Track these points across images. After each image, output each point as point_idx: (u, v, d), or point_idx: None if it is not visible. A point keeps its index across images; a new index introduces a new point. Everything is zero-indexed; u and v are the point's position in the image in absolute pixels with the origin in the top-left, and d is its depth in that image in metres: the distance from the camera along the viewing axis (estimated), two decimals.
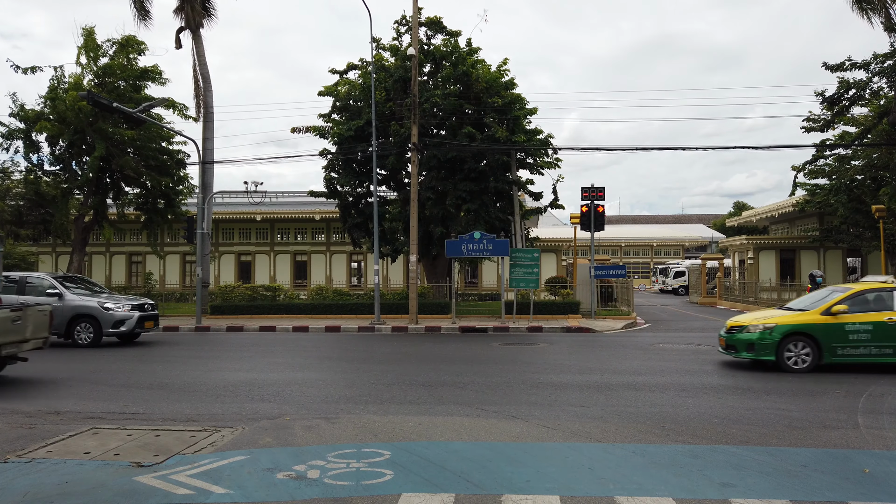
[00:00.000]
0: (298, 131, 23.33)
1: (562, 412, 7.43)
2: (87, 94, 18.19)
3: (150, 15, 24.28)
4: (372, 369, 10.93)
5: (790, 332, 10.44)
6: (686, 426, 6.72)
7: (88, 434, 6.42)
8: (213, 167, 23.89)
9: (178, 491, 4.74)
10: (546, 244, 30.73)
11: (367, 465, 5.31)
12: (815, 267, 28.94)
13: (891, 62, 20.48)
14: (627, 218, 79.22)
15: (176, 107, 23.90)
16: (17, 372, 10.82)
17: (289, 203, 35.63)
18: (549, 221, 53.08)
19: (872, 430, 6.58)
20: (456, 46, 22.18)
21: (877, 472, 5.16)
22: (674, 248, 57.70)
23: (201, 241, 21.30)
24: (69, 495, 4.66)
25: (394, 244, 23.22)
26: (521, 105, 22.06)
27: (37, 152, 23.59)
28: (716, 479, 4.94)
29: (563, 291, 23.79)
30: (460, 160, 21.29)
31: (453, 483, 4.87)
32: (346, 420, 7.05)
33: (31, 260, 30.50)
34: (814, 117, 23.89)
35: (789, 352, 10.41)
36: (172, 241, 32.73)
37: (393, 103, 22.06)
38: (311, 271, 33.52)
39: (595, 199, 21.29)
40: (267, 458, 5.54)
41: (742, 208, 59.68)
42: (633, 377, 9.93)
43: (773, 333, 10.48)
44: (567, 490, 4.72)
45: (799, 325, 10.49)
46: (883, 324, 10.19)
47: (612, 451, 5.77)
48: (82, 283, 16.35)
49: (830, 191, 25.03)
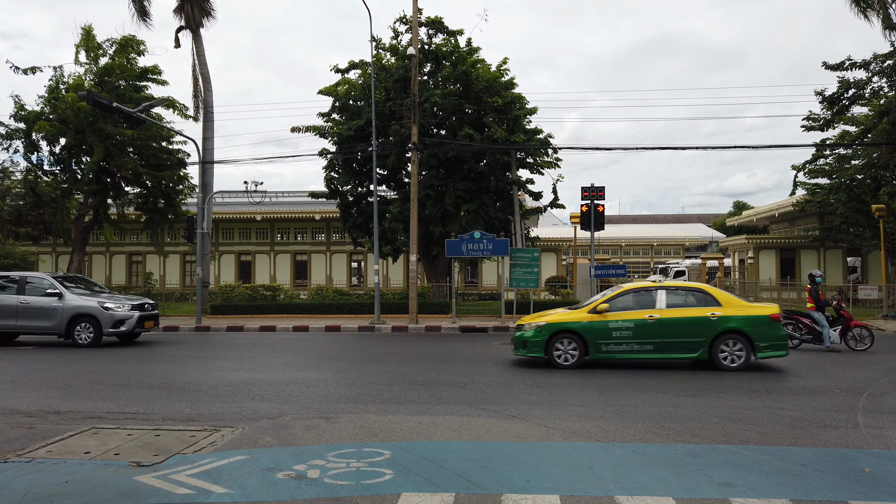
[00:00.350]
0: (298, 131, 23.34)
1: (562, 412, 7.43)
2: (86, 94, 18.19)
3: (150, 15, 24.29)
4: (372, 369, 10.93)
5: (559, 330, 10.87)
6: (686, 426, 6.72)
7: (88, 434, 6.42)
8: (213, 167, 23.89)
9: (178, 491, 4.74)
10: (546, 244, 30.74)
11: (367, 465, 5.31)
12: (815, 266, 28.94)
13: (891, 62, 20.47)
14: (627, 217, 79.21)
15: (176, 106, 23.92)
16: (17, 372, 10.83)
17: (289, 203, 35.64)
18: (549, 221, 53.08)
19: (872, 429, 6.58)
20: (456, 46, 22.18)
21: (877, 471, 5.16)
22: (674, 247, 57.67)
23: (201, 240, 21.30)
24: (69, 495, 4.66)
25: (394, 244, 23.23)
26: (521, 104, 22.06)
27: (36, 152, 23.59)
28: (716, 479, 4.94)
29: (563, 291, 23.80)
30: (460, 160, 21.29)
31: (453, 482, 4.87)
32: (346, 420, 7.05)
33: (31, 260, 30.52)
34: (814, 117, 23.88)
35: (558, 349, 10.85)
36: (172, 240, 32.74)
37: (393, 103, 22.06)
38: (312, 271, 33.52)
39: (595, 199, 21.26)
40: (267, 458, 5.54)
41: (742, 208, 59.67)
42: (634, 377, 9.93)
43: (543, 332, 10.91)
44: (567, 490, 4.72)
45: (566, 324, 10.92)
46: (644, 321, 10.64)
47: (612, 450, 5.77)
48: (82, 283, 16.35)
49: (830, 190, 25.02)
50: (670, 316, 10.59)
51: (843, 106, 22.38)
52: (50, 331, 14.66)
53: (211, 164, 23.77)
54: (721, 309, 10.56)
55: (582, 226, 21.79)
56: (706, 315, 10.51)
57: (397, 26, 23.08)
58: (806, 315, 13.55)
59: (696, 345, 10.50)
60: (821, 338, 13.18)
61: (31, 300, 14.67)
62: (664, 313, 10.63)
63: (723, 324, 10.44)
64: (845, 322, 13.18)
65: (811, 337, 13.35)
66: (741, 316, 10.48)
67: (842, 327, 13.17)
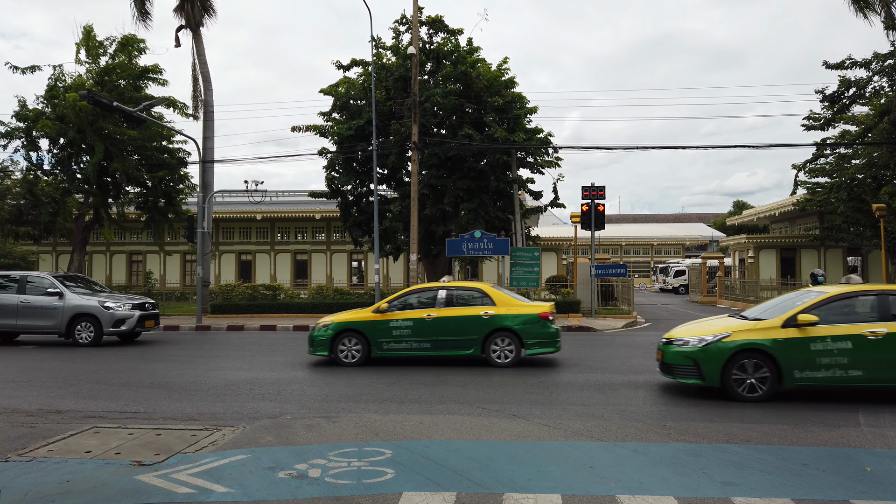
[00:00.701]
0: (299, 130, 23.32)
1: (563, 411, 7.43)
2: (87, 93, 18.17)
3: (150, 14, 24.26)
4: (372, 368, 10.92)
5: (343, 329, 11.18)
6: (687, 425, 6.72)
7: (89, 433, 6.42)
8: (213, 166, 23.88)
9: (179, 490, 4.74)
10: (546, 243, 30.73)
11: (368, 464, 5.31)
12: (816, 266, 28.95)
13: (891, 61, 20.45)
14: (628, 217, 79.23)
15: (176, 105, 23.90)
16: (18, 371, 10.83)
17: (289, 202, 35.64)
18: (550, 220, 53.11)
19: (873, 428, 6.58)
20: (457, 45, 22.17)
21: (878, 470, 5.16)
22: (674, 247, 57.69)
23: (202, 240, 21.29)
24: (70, 494, 4.66)
25: (395, 243, 23.22)
26: (522, 104, 22.05)
27: (36, 151, 23.59)
28: (717, 478, 4.94)
29: (563, 290, 23.78)
30: (460, 159, 21.29)
31: (455, 482, 4.87)
32: (347, 419, 7.05)
33: (32, 259, 30.54)
34: (814, 116, 23.87)
35: (342, 347, 11.14)
36: (173, 240, 32.73)
37: (393, 102, 22.05)
38: (312, 270, 33.52)
39: (595, 198, 21.27)
40: (268, 457, 5.53)
41: (742, 207, 59.67)
42: (634, 376, 9.92)
43: (329, 330, 11.24)
44: (568, 489, 4.71)
45: (351, 323, 11.22)
46: (422, 320, 11.03)
47: (613, 449, 5.77)
48: (83, 283, 16.34)
49: (831, 189, 25.01)
50: (447, 315, 11.07)
51: (843, 105, 22.36)
52: (50, 330, 14.66)
53: (211, 163, 23.76)
54: (495, 308, 11.05)
55: (582, 225, 21.79)
56: (480, 314, 11.00)
57: (398, 26, 23.09)
58: None
59: (470, 342, 10.98)
60: None
61: (31, 299, 14.67)
62: (442, 312, 11.09)
63: (495, 322, 10.93)
64: None
65: None
66: (512, 315, 10.96)
67: None
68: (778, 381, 7.85)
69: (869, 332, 7.66)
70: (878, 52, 20.58)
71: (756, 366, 7.88)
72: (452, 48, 22.08)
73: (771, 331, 7.93)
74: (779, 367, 7.82)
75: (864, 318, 7.89)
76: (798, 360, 7.77)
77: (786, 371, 7.80)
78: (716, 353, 7.96)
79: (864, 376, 7.67)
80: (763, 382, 7.86)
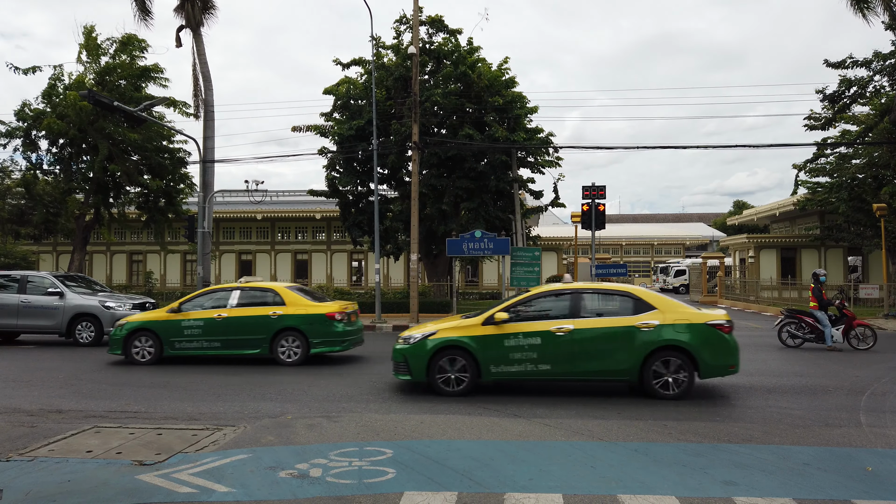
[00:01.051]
0: (299, 130, 23.31)
1: (563, 410, 7.42)
2: (87, 93, 18.16)
3: (151, 13, 24.22)
4: (373, 368, 10.92)
5: (136, 329, 11.50)
6: (688, 424, 6.71)
7: (90, 433, 6.41)
8: (213, 166, 23.85)
9: (180, 489, 4.73)
10: (547, 243, 30.73)
11: (369, 464, 5.31)
12: (817, 266, 28.92)
13: (892, 60, 20.42)
14: (628, 217, 79.19)
15: (177, 105, 23.88)
16: (18, 371, 10.83)
17: (289, 202, 35.64)
18: (550, 220, 53.08)
19: (875, 428, 6.57)
20: (457, 45, 22.17)
21: (879, 470, 5.15)
22: (674, 246, 57.66)
23: (202, 239, 21.28)
24: (71, 494, 4.66)
25: (395, 243, 23.22)
26: (522, 104, 22.05)
27: (35, 151, 23.58)
28: (719, 478, 4.93)
29: None
30: (460, 159, 21.28)
31: (456, 481, 4.86)
32: (347, 418, 7.04)
33: (32, 259, 30.57)
34: (815, 116, 23.85)
35: (136, 346, 11.46)
36: (173, 239, 32.74)
37: (393, 102, 22.05)
38: (312, 270, 33.52)
39: (596, 198, 21.23)
40: (269, 457, 5.53)
41: (742, 207, 59.65)
42: None
43: (122, 330, 11.57)
44: (570, 488, 4.71)
45: (144, 323, 11.57)
46: (213, 320, 11.34)
47: (614, 449, 5.77)
48: (83, 282, 16.35)
49: (831, 189, 25.00)
50: (237, 315, 11.33)
51: (844, 104, 22.34)
52: (51, 330, 14.66)
53: (212, 163, 23.73)
54: (283, 308, 11.31)
55: (583, 225, 21.77)
56: (268, 314, 11.26)
57: (398, 26, 23.09)
58: (809, 314, 13.54)
59: (257, 342, 11.24)
60: (823, 337, 13.16)
61: (32, 299, 14.67)
62: (233, 312, 11.37)
63: (282, 322, 11.19)
64: (848, 321, 13.17)
65: (814, 336, 13.34)
66: (299, 314, 11.24)
67: (845, 326, 13.15)
68: (477, 375, 8.30)
69: (556, 328, 8.11)
70: (878, 52, 20.55)
71: (457, 361, 8.32)
72: (453, 48, 22.08)
73: (471, 328, 8.38)
74: (477, 363, 8.26)
75: (556, 316, 8.31)
76: (493, 355, 8.21)
77: (483, 366, 8.26)
78: (421, 350, 8.37)
79: (553, 370, 8.13)
80: (464, 377, 8.31)
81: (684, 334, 7.91)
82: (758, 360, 11.63)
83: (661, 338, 7.89)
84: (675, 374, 7.95)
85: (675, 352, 7.93)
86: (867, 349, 12.91)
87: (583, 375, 8.13)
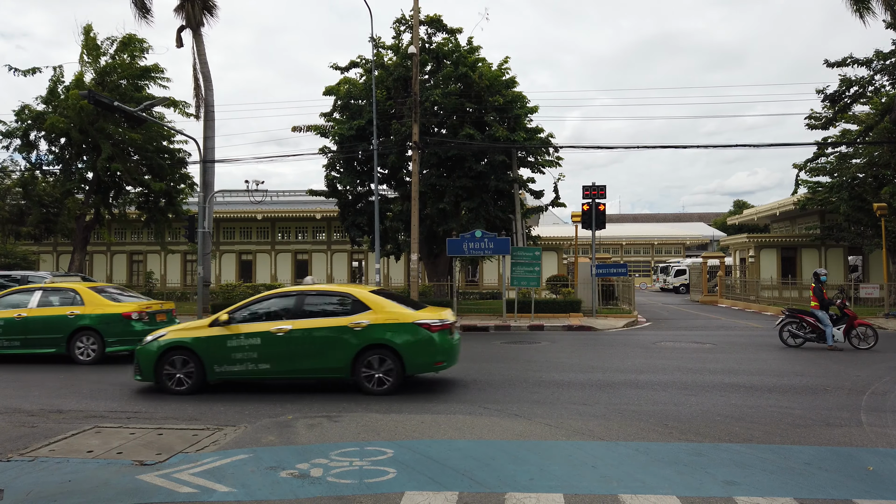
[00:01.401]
0: (299, 130, 23.31)
1: (564, 410, 7.42)
2: (87, 92, 18.17)
3: (151, 13, 24.21)
4: None
5: None
6: (689, 424, 6.71)
7: (91, 433, 6.41)
8: (213, 166, 23.84)
9: (181, 489, 4.73)
10: (547, 243, 30.72)
11: (370, 464, 5.30)
12: (817, 265, 28.90)
13: (893, 59, 20.40)
14: (628, 216, 79.20)
15: (177, 105, 23.88)
16: (18, 371, 10.83)
17: (290, 202, 35.64)
18: (550, 220, 53.06)
19: (875, 427, 6.57)
20: (457, 45, 22.16)
21: (880, 469, 5.15)
22: (674, 246, 57.67)
23: (202, 239, 21.28)
24: (72, 494, 4.66)
25: (396, 243, 23.21)
26: (522, 103, 22.03)
27: (32, 150, 23.58)
28: (719, 477, 4.93)
29: (564, 290, 23.77)
30: (461, 158, 21.27)
31: (456, 481, 4.86)
32: (348, 418, 7.04)
33: (32, 259, 30.57)
34: (816, 115, 23.84)
35: None
36: (173, 239, 32.75)
37: (394, 102, 22.04)
38: (313, 270, 33.51)
39: (596, 198, 21.25)
40: (270, 457, 5.53)
41: (742, 207, 59.65)
42: (635, 375, 9.91)
43: None
44: (571, 488, 4.71)
45: None
46: (12, 319, 11.60)
47: (615, 449, 5.76)
48: (85, 283, 16.31)
49: (832, 189, 24.98)
50: (35, 315, 11.61)
51: (844, 104, 22.32)
52: None
53: (212, 163, 23.73)
54: (81, 308, 11.64)
55: (583, 224, 21.78)
56: (66, 314, 11.59)
57: (398, 26, 23.08)
58: (810, 314, 13.53)
59: (55, 340, 11.54)
60: (824, 336, 13.16)
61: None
62: (31, 312, 11.68)
63: (79, 321, 11.52)
64: (849, 321, 13.16)
65: (815, 336, 13.33)
66: (96, 315, 11.57)
67: (846, 326, 13.14)
68: (203, 375, 8.49)
69: (276, 329, 8.37)
70: (879, 51, 20.52)
71: (184, 362, 8.50)
72: (453, 48, 22.07)
73: (198, 330, 8.65)
74: (202, 363, 8.46)
75: (279, 317, 8.58)
76: (216, 355, 8.43)
77: (207, 366, 8.47)
78: (149, 352, 8.59)
79: (272, 369, 8.41)
80: (189, 377, 8.48)
81: (391, 333, 8.30)
82: (759, 360, 11.62)
83: (371, 336, 8.28)
84: (384, 371, 8.32)
85: (384, 350, 8.32)
86: (868, 349, 12.90)
87: (301, 374, 8.48)
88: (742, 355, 12.30)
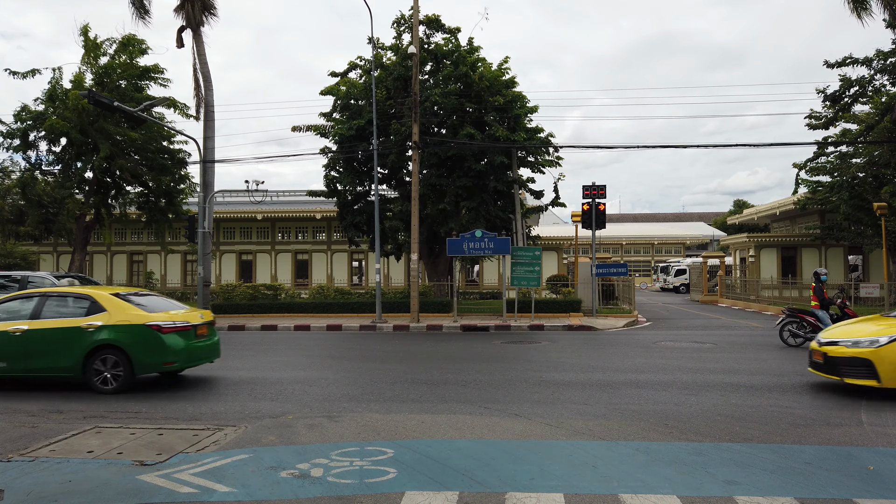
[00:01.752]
0: (299, 130, 23.33)
1: (564, 410, 7.42)
2: (87, 92, 18.17)
3: (150, 13, 24.20)
4: (374, 368, 10.92)
5: None
6: (689, 424, 6.71)
7: (91, 433, 6.41)
8: (214, 166, 23.84)
9: (181, 489, 4.73)
10: (547, 242, 30.72)
11: (370, 464, 5.30)
12: (817, 265, 28.89)
13: (893, 59, 20.39)
14: (628, 216, 79.19)
15: (177, 106, 23.87)
16: None
17: (290, 202, 35.63)
18: (550, 220, 53.05)
19: (876, 427, 6.57)
20: (457, 45, 22.17)
21: (881, 469, 5.15)
22: (675, 246, 57.68)
23: (202, 240, 21.28)
24: (73, 494, 4.66)
25: (396, 243, 23.22)
26: (522, 103, 22.04)
27: (30, 150, 23.58)
28: (720, 477, 4.93)
29: (564, 290, 23.78)
30: (460, 158, 21.28)
31: (457, 481, 4.86)
32: (348, 418, 7.04)
33: (32, 259, 30.57)
34: (816, 115, 23.83)
35: None
36: (174, 240, 32.76)
37: (393, 102, 22.05)
38: (313, 270, 33.52)
39: (596, 198, 21.25)
40: (270, 457, 5.53)
41: (743, 206, 59.63)
42: (636, 375, 9.91)
43: None
44: (571, 488, 4.71)
45: None
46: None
47: (615, 448, 5.76)
48: (83, 283, 16.32)
49: (832, 188, 24.98)
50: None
51: (844, 104, 22.31)
52: None
53: (212, 163, 23.73)
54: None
55: (583, 224, 21.78)
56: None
57: (397, 26, 23.10)
58: (810, 313, 13.53)
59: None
60: None
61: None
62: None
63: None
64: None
65: (815, 335, 13.30)
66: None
67: None
68: None
69: (14, 329, 8.78)
70: (880, 50, 20.50)
71: None
72: (453, 48, 22.08)
73: None
74: None
75: (21, 317, 8.92)
76: None
77: None
78: None
79: (9, 367, 8.80)
80: None
81: (121, 334, 8.61)
82: (759, 360, 11.63)
83: (101, 337, 8.60)
84: (113, 371, 8.61)
85: (113, 350, 8.62)
86: None
87: (36, 372, 8.82)
88: (742, 355, 12.30)
